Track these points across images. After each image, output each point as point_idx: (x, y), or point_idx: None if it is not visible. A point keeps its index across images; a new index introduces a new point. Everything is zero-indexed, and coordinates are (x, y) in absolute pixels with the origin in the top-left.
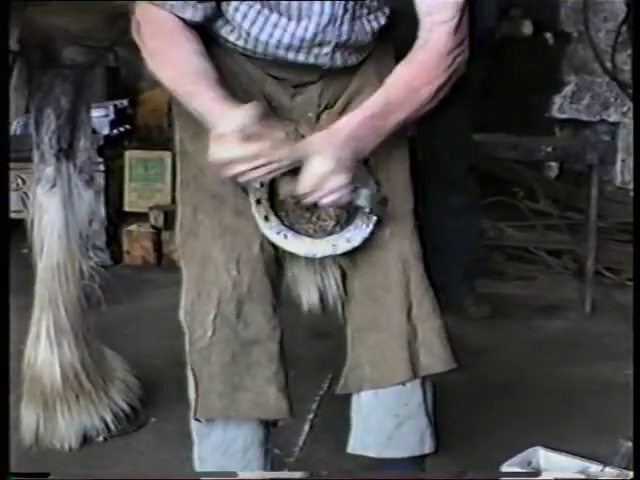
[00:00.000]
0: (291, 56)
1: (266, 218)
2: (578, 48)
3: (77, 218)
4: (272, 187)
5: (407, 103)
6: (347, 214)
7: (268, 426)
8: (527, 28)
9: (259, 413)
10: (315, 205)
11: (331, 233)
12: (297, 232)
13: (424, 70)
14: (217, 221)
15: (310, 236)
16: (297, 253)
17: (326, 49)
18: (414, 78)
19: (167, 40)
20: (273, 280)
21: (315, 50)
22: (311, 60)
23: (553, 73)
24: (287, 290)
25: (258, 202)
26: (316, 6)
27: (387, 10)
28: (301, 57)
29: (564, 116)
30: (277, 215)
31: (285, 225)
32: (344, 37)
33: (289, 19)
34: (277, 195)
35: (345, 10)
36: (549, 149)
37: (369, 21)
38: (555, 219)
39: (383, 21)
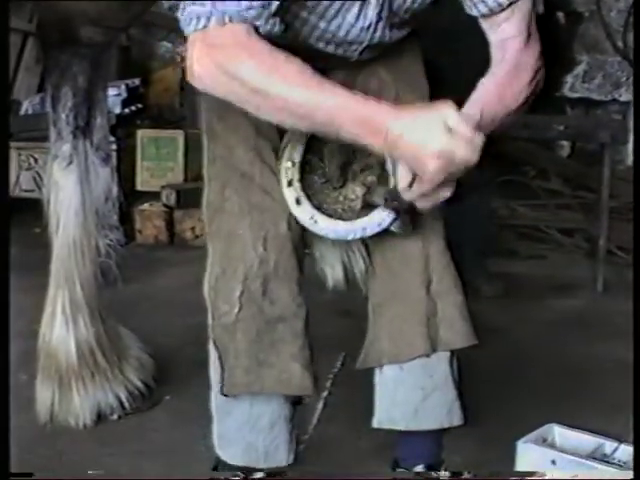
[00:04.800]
0: (321, 45)
1: (297, 201)
2: (590, 27)
3: (93, 195)
4: (303, 167)
5: (497, 116)
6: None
7: (295, 404)
8: (539, 7)
9: (283, 389)
10: (342, 185)
11: (359, 214)
12: (328, 215)
13: (511, 80)
14: (245, 199)
15: (340, 217)
16: (327, 237)
17: (355, 46)
18: (503, 89)
19: (276, 56)
20: (299, 258)
21: (345, 45)
22: (339, 52)
23: (565, 52)
24: (309, 268)
25: (289, 184)
26: (350, 16)
27: (415, 21)
28: (330, 48)
29: (576, 95)
30: (308, 197)
31: (315, 207)
32: (375, 41)
33: (320, 18)
34: (306, 174)
35: (379, 18)
36: (561, 128)
37: (401, 27)
38: (567, 198)
39: (413, 26)
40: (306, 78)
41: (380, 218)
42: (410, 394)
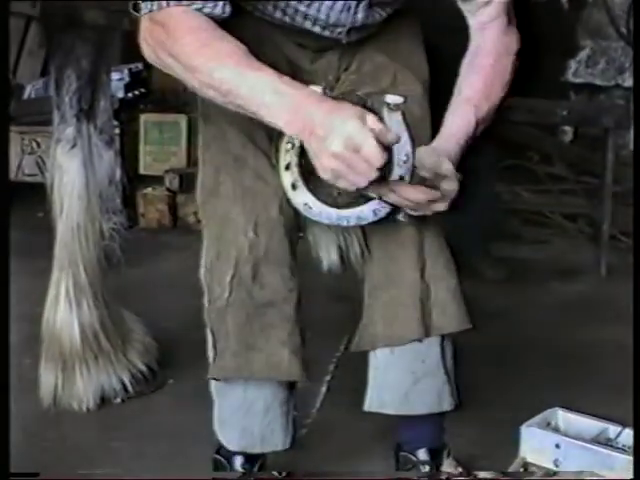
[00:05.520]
0: (308, 25)
1: (293, 186)
2: (593, 12)
3: (97, 178)
4: (301, 149)
5: (489, 113)
6: None
7: (291, 388)
8: None
9: (272, 374)
10: None
11: (355, 198)
12: (322, 200)
13: (496, 73)
14: (238, 183)
15: (335, 201)
16: (321, 222)
17: (340, 29)
18: (491, 86)
19: (212, 34)
20: (292, 242)
21: (330, 27)
22: (326, 34)
23: (568, 37)
24: (305, 252)
25: (287, 167)
26: None
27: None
28: (317, 29)
29: (579, 80)
30: (305, 181)
31: (311, 192)
32: (358, 23)
33: (299, 0)
34: (303, 156)
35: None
36: (565, 113)
37: (386, 6)
38: (570, 183)
39: (398, 6)
40: (237, 57)
41: (376, 207)
42: (401, 378)
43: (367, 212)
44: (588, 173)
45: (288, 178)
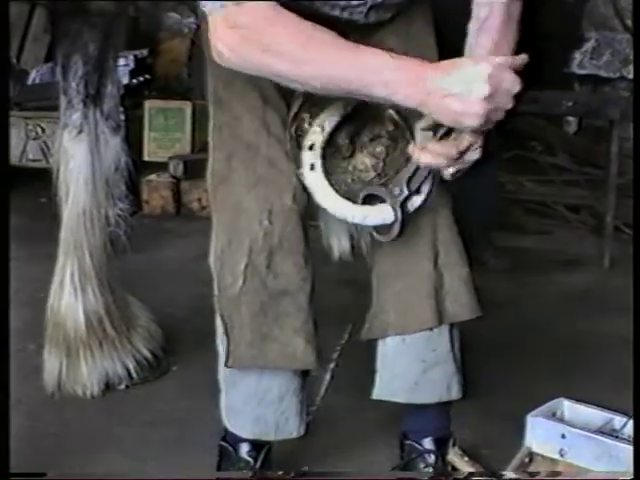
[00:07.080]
0: (327, 9)
1: (312, 166)
2: (599, 4)
3: (103, 165)
4: (331, 135)
5: None
6: (383, 164)
7: (304, 376)
8: None
9: (286, 363)
10: (351, 155)
11: (370, 183)
12: (336, 188)
13: (504, 33)
14: (251, 170)
15: (348, 188)
16: (329, 210)
17: (361, 8)
18: (499, 44)
19: (307, 25)
20: (305, 231)
21: (350, 9)
22: (346, 16)
23: (573, 29)
24: (314, 240)
25: (310, 148)
26: None
27: None
28: (336, 12)
29: (584, 72)
30: (323, 164)
31: (326, 177)
32: (379, 0)
33: None
34: (328, 142)
35: None
36: (570, 104)
37: None
38: (574, 174)
39: None
40: (339, 42)
41: (386, 212)
42: (411, 366)
43: (374, 214)
44: (592, 164)
45: (309, 158)
